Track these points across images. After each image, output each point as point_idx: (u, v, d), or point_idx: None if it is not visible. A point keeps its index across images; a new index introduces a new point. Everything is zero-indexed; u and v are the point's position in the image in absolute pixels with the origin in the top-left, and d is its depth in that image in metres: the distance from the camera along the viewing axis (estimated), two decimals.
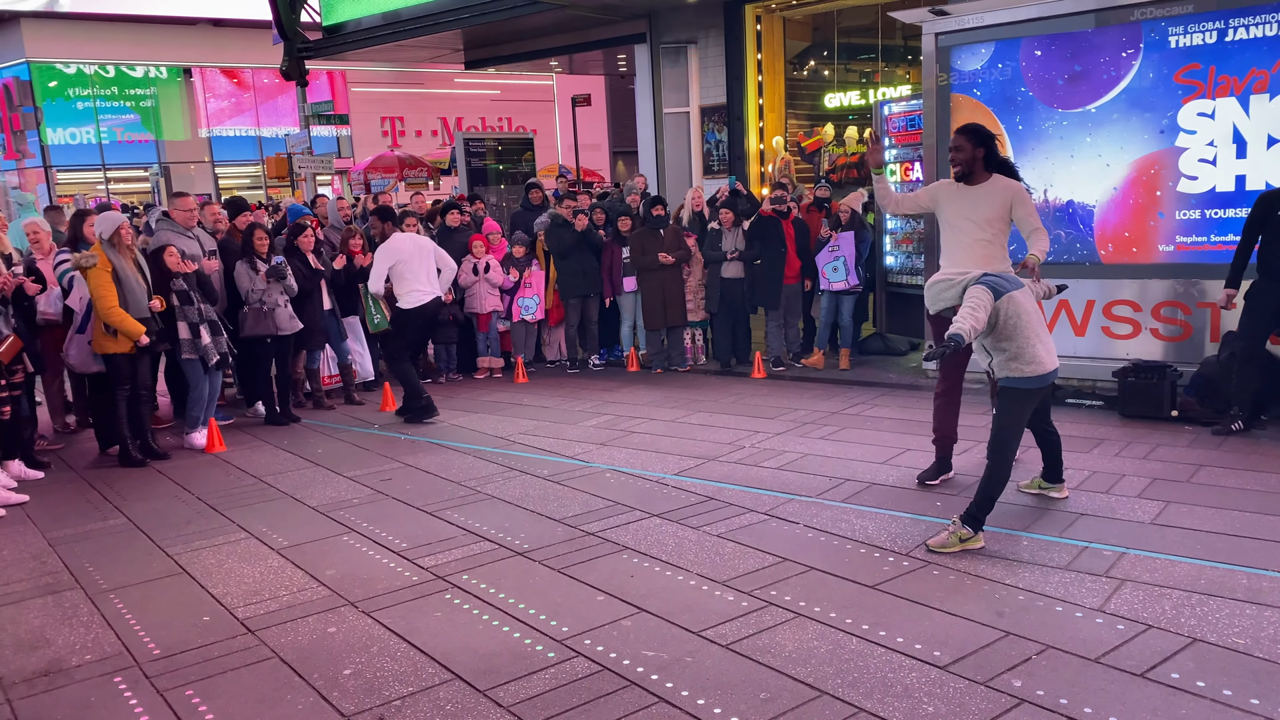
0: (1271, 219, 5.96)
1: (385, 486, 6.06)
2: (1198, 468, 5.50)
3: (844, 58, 16.14)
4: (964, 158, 5.11)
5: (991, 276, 4.54)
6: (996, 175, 5.14)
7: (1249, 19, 6.44)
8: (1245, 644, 3.43)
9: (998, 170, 5.15)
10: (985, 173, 5.12)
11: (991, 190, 5.10)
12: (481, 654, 3.71)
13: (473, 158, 13.23)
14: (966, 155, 5.11)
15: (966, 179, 5.15)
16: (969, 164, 5.12)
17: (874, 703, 3.19)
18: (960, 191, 5.17)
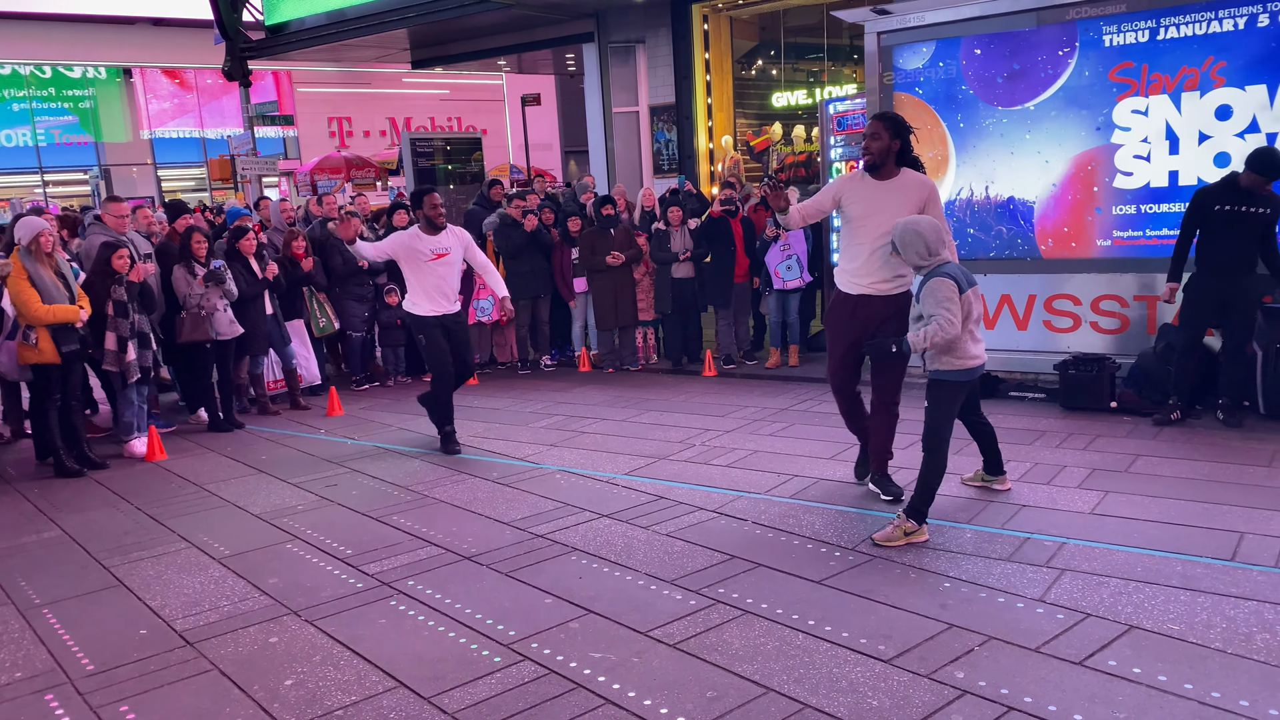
0: (1207, 214, 6.10)
1: (330, 492, 5.97)
2: (1135, 458, 5.62)
3: (791, 57, 16.25)
4: (880, 147, 4.86)
5: (954, 266, 4.51)
6: (906, 170, 4.95)
7: (1179, 18, 6.59)
8: (1179, 630, 3.50)
9: (908, 166, 4.96)
10: (895, 167, 4.91)
11: (904, 185, 4.90)
12: (426, 660, 3.66)
13: (420, 158, 13.10)
14: (883, 145, 4.86)
15: (876, 171, 4.91)
16: (883, 155, 4.87)
17: (819, 698, 3.20)
18: (869, 186, 4.93)
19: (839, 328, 5.09)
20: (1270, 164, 5.86)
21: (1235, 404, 6.18)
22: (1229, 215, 5.99)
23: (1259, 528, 4.41)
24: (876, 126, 4.89)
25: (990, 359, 7.04)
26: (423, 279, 6.65)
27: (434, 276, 6.63)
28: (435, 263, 6.63)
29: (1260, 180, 5.90)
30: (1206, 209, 6.11)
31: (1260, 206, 5.94)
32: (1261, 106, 6.40)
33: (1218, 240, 6.09)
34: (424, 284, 6.66)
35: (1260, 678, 3.15)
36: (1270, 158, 5.88)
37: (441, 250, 6.65)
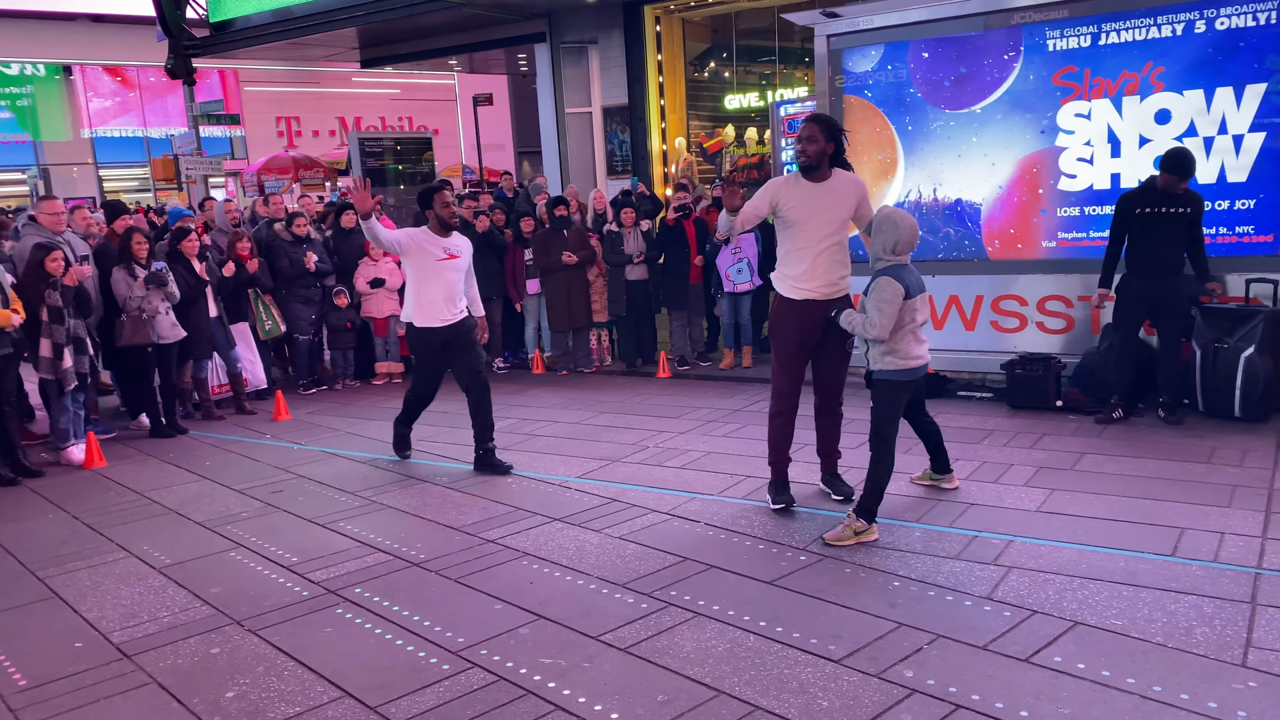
0: (1131, 218, 6.23)
1: (276, 499, 5.85)
2: (1080, 455, 5.71)
3: (743, 59, 16.33)
4: (816, 150, 4.81)
5: (910, 271, 4.55)
6: (838, 171, 4.94)
7: (1119, 24, 6.72)
8: (1122, 625, 3.56)
9: (839, 167, 4.96)
10: (828, 168, 4.90)
11: (839, 187, 4.89)
12: (373, 669, 3.59)
13: (369, 158, 12.93)
14: (819, 148, 4.81)
15: (811, 173, 4.87)
16: (819, 158, 4.83)
17: (770, 700, 3.20)
18: (807, 188, 4.87)
19: (789, 335, 5.02)
20: (1180, 162, 6.01)
21: (1175, 402, 6.31)
22: (1151, 218, 6.13)
23: (1198, 523, 4.50)
24: (812, 129, 4.85)
25: (939, 359, 7.18)
26: (430, 282, 6.05)
27: (442, 281, 6.05)
28: (445, 264, 6.06)
29: (1174, 179, 6.04)
30: (1129, 213, 6.24)
31: (1181, 207, 6.08)
32: (1199, 111, 6.55)
33: (1143, 243, 6.22)
34: (431, 287, 6.05)
35: (1200, 670, 3.20)
36: (1179, 156, 6.03)
37: (454, 251, 6.11)
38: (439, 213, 6.06)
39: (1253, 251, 6.50)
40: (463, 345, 6.20)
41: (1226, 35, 6.39)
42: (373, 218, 5.79)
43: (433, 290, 6.06)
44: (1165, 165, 6.06)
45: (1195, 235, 6.16)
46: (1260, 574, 3.92)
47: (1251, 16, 6.31)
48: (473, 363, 6.23)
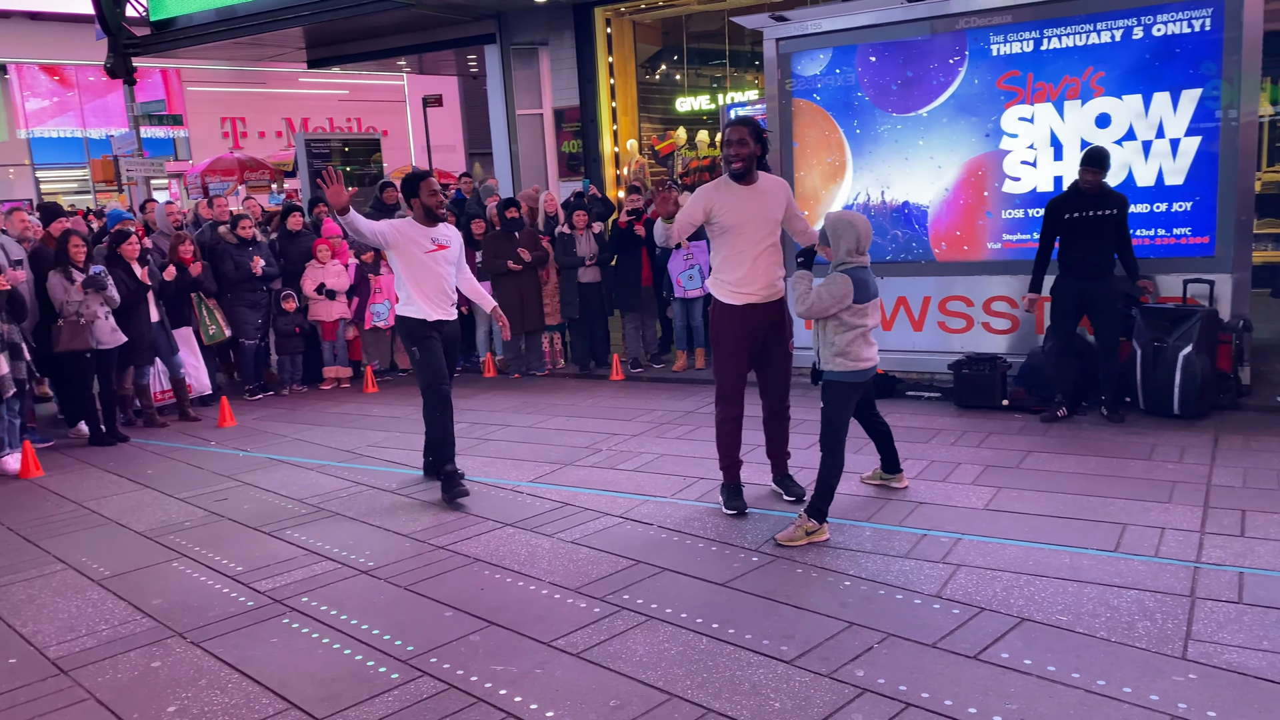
0: (1059, 222, 6.36)
1: (221, 507, 5.73)
2: (1026, 454, 5.80)
3: (694, 62, 16.39)
4: (747, 153, 4.84)
5: (869, 275, 4.59)
6: (762, 173, 4.96)
7: (1061, 29, 6.85)
8: (1067, 620, 3.61)
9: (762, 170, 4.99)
10: (756, 171, 4.91)
11: (770, 189, 4.95)
12: (320, 680, 3.53)
13: (316, 159, 12.75)
14: (749, 151, 4.84)
15: (742, 178, 4.89)
16: (749, 161, 4.86)
17: (722, 702, 3.20)
18: (738, 192, 4.89)
19: (732, 341, 5.02)
20: (1097, 158, 6.19)
21: (1117, 400, 6.44)
22: (1079, 221, 6.28)
23: (1140, 519, 4.60)
24: (741, 133, 4.85)
25: (888, 360, 7.26)
26: (420, 275, 5.63)
27: (433, 274, 5.66)
28: (435, 255, 5.65)
29: (1094, 175, 6.19)
30: (1058, 218, 6.38)
31: (1106, 209, 6.22)
32: (1137, 115, 6.70)
33: (1073, 246, 6.35)
34: (421, 281, 5.64)
35: (1141, 664, 3.26)
36: (1097, 153, 6.23)
37: (443, 242, 5.71)
38: (425, 201, 5.67)
39: (1190, 253, 6.67)
40: (450, 350, 5.90)
41: (1163, 41, 6.55)
42: (350, 211, 5.33)
43: (423, 285, 5.65)
44: (1086, 162, 6.24)
45: (1123, 235, 6.30)
46: (1199, 568, 4.01)
47: (1187, 24, 6.47)
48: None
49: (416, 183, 5.75)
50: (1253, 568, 3.98)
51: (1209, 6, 6.38)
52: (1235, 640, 3.38)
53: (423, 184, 5.72)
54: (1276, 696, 3.01)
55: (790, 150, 7.97)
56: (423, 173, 5.86)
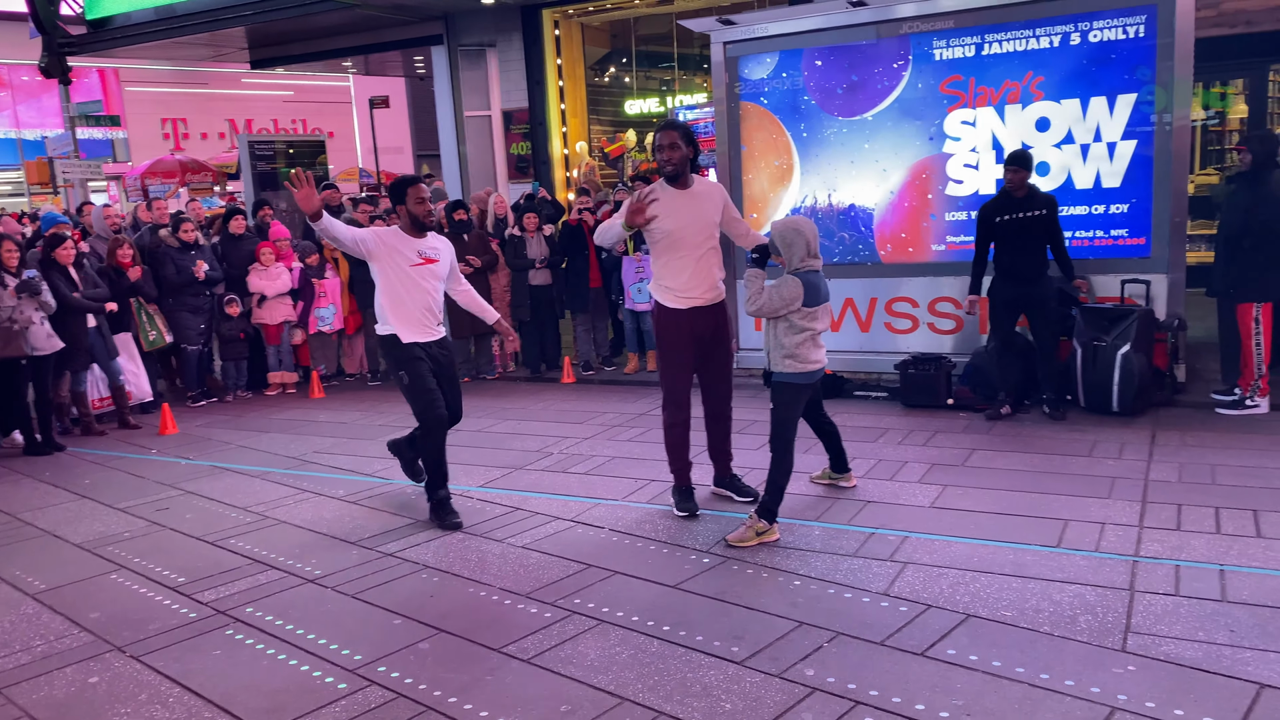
0: (994, 225, 6.50)
1: (162, 517, 5.61)
2: (971, 452, 5.89)
3: (643, 65, 16.41)
4: (680, 157, 4.85)
5: (821, 279, 4.63)
6: (696, 177, 4.98)
7: (1002, 34, 6.98)
8: (1012, 615, 3.68)
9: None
10: (690, 174, 4.93)
11: (705, 192, 4.96)
12: (265, 692, 3.46)
13: (259, 161, 12.53)
14: (682, 154, 4.85)
15: (676, 181, 4.90)
16: (683, 164, 4.87)
17: (674, 705, 3.20)
18: (674, 195, 4.87)
19: (678, 345, 5.02)
20: (1021, 157, 6.38)
21: (1059, 399, 6.58)
22: (1010, 223, 6.42)
23: (1081, 514, 4.69)
24: (672, 136, 4.85)
25: (836, 360, 7.33)
26: (402, 291, 5.07)
27: (417, 290, 5.09)
28: (421, 269, 5.10)
29: (1015, 173, 6.36)
30: (990, 222, 6.51)
31: (1036, 210, 6.37)
32: (1075, 119, 6.85)
33: (1007, 248, 6.49)
34: (404, 298, 5.08)
35: (1083, 657, 3.33)
36: (1020, 152, 6.44)
37: (430, 255, 5.14)
38: (412, 209, 5.07)
39: (1127, 253, 6.83)
40: (443, 374, 5.26)
41: (1100, 47, 6.70)
42: (324, 216, 4.82)
43: (407, 301, 5.08)
44: (1010, 162, 6.40)
45: (1055, 235, 6.44)
46: (1138, 561, 4.11)
47: (1122, 30, 6.63)
48: (456, 397, 5.30)
49: (404, 188, 5.13)
50: (1188, 560, 4.08)
51: (1143, 13, 6.55)
52: (1172, 632, 3.46)
53: (410, 190, 5.10)
54: (1210, 685, 3.10)
55: (739, 153, 8.02)
56: (411, 177, 5.25)
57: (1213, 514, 4.59)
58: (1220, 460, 5.40)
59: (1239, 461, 5.36)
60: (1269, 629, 3.44)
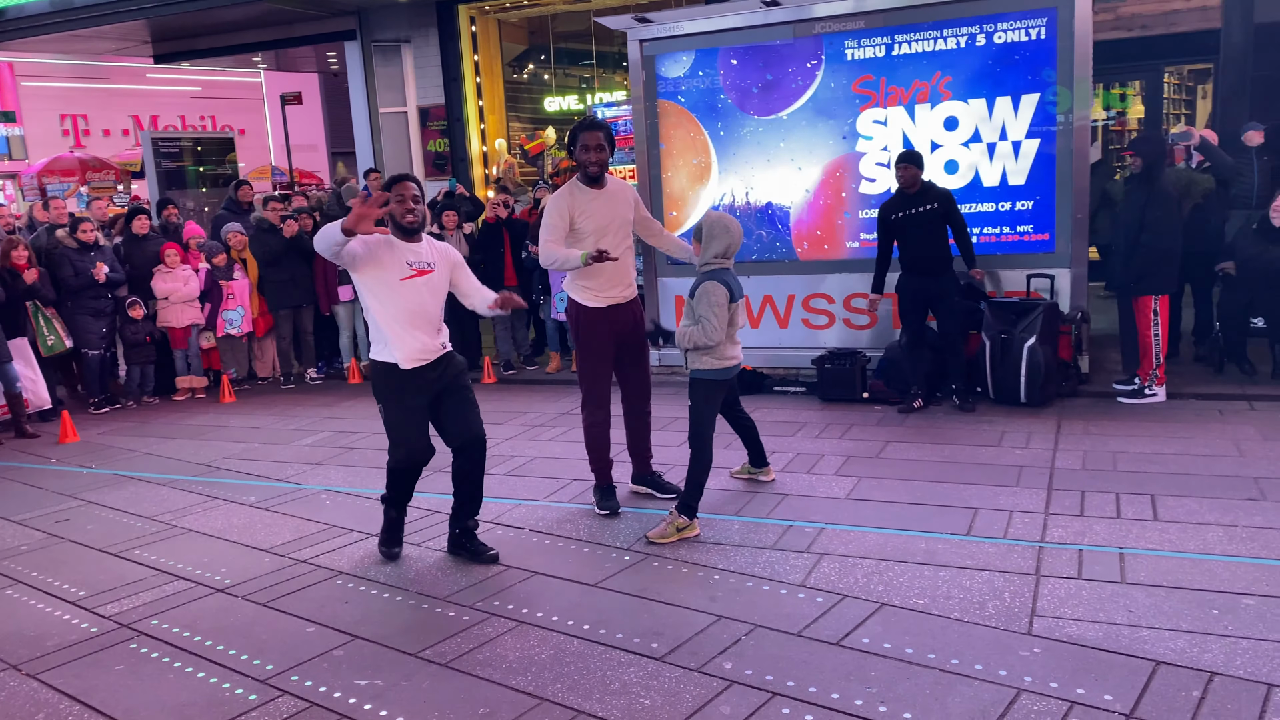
0: (892, 222, 6.68)
1: (62, 528, 5.38)
2: (885, 444, 6.02)
3: (562, 62, 16.35)
4: (604, 158, 4.88)
5: (732, 275, 4.65)
6: (609, 176, 5.02)
7: (911, 35, 7.13)
8: (924, 603, 3.76)
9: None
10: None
11: (617, 190, 5.02)
12: (171, 707, 3.35)
13: (165, 159, 12.13)
14: (606, 155, 4.88)
15: (597, 181, 4.93)
16: (606, 165, 4.91)
17: (593, 703, 3.19)
18: (592, 195, 4.91)
19: (601, 342, 5.02)
20: (909, 155, 6.58)
21: (968, 390, 6.76)
22: (906, 219, 6.60)
23: (990, 503, 4.83)
24: (599, 138, 4.85)
25: (755, 356, 7.41)
26: (391, 306, 4.34)
27: (408, 305, 4.35)
28: (414, 283, 4.35)
29: (907, 170, 6.54)
30: (887, 219, 6.69)
31: (929, 204, 6.56)
32: (982, 119, 7.04)
33: (906, 245, 6.68)
34: (393, 314, 4.35)
35: (992, 641, 3.42)
36: (908, 151, 6.67)
37: (425, 266, 4.39)
38: (393, 210, 4.32)
39: (1033, 249, 7.05)
40: (451, 392, 4.54)
41: (1004, 49, 6.90)
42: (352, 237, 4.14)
43: (398, 317, 4.35)
44: (897, 160, 6.61)
45: (955, 225, 6.63)
46: (1043, 547, 4.24)
47: (1024, 32, 6.84)
48: (468, 416, 4.59)
49: (387, 188, 4.44)
50: (1090, 544, 4.23)
51: (1044, 16, 6.76)
52: (1075, 614, 3.58)
53: (393, 189, 4.38)
54: (1109, 664, 3.21)
55: (657, 152, 8.04)
56: (396, 176, 4.51)
57: (1114, 499, 4.77)
58: (1121, 448, 5.62)
59: (1138, 449, 5.58)
60: (1164, 608, 3.58)
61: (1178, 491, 4.82)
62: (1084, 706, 2.97)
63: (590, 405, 5.12)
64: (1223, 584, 3.76)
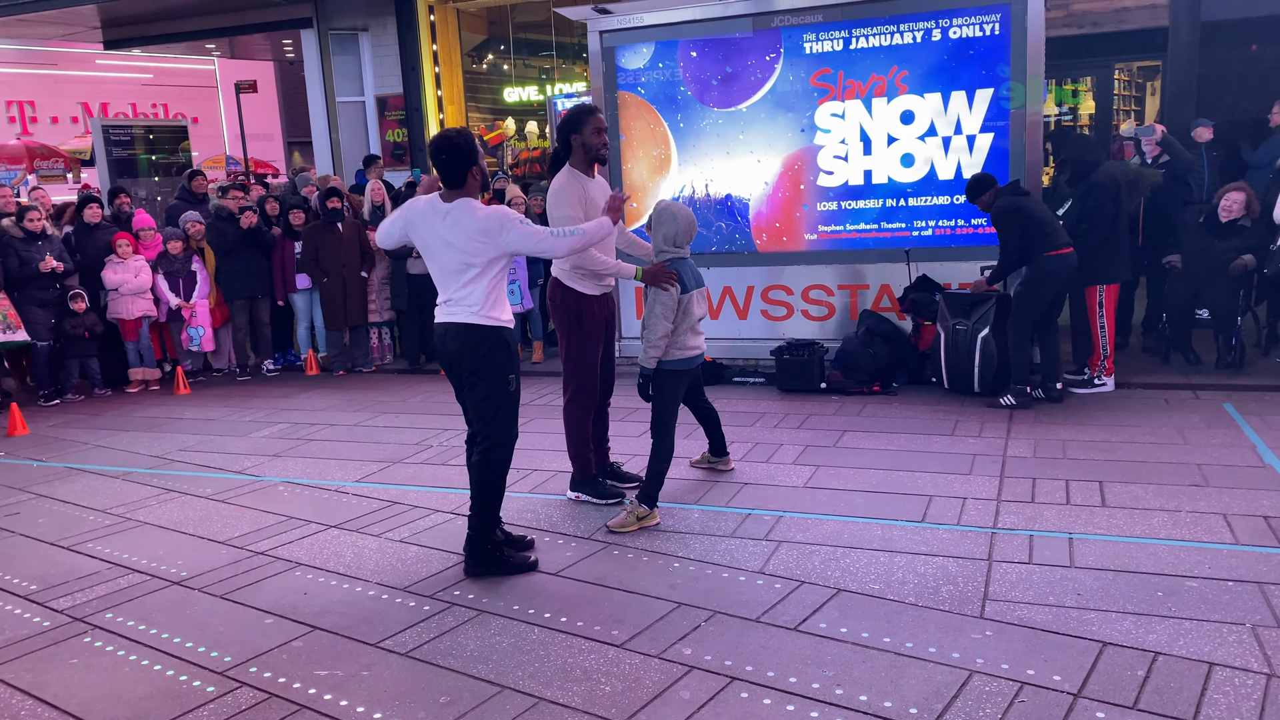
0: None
1: (12, 522, 5.28)
2: (842, 433, 6.10)
3: (521, 53, 16.27)
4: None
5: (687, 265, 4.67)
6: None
7: (868, 29, 7.21)
8: (879, 589, 3.83)
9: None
10: None
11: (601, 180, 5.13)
12: (128, 700, 3.31)
13: (116, 147, 11.89)
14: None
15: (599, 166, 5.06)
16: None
17: (554, 690, 3.21)
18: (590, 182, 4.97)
19: (595, 332, 5.00)
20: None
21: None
22: None
23: (944, 490, 4.92)
24: (603, 120, 4.91)
25: (715, 347, 7.46)
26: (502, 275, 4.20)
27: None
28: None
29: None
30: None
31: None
32: (937, 112, 7.14)
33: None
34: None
35: (945, 625, 3.50)
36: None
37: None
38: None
39: (986, 241, 7.15)
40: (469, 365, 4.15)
41: (959, 44, 7.00)
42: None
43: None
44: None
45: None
46: (995, 533, 4.33)
47: (979, 27, 6.94)
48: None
49: (587, 120, 4.87)
50: (1041, 530, 4.33)
51: (998, 11, 6.87)
52: (1025, 597, 3.67)
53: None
54: (1058, 645, 3.30)
55: (617, 143, 8.04)
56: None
57: (1063, 486, 4.88)
58: (1070, 436, 5.75)
59: (1087, 437, 5.71)
60: (1111, 591, 3.68)
61: (1125, 478, 4.95)
62: (1034, 687, 3.05)
63: (583, 396, 5.03)
64: (1167, 567, 3.87)
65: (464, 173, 4.06)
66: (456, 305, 4.08)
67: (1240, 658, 3.15)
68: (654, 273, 4.59)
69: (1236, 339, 7.04)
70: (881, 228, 7.38)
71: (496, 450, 4.22)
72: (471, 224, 3.98)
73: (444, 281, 4.12)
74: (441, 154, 4.06)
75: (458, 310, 4.07)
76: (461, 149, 4.04)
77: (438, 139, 4.11)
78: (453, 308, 4.09)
